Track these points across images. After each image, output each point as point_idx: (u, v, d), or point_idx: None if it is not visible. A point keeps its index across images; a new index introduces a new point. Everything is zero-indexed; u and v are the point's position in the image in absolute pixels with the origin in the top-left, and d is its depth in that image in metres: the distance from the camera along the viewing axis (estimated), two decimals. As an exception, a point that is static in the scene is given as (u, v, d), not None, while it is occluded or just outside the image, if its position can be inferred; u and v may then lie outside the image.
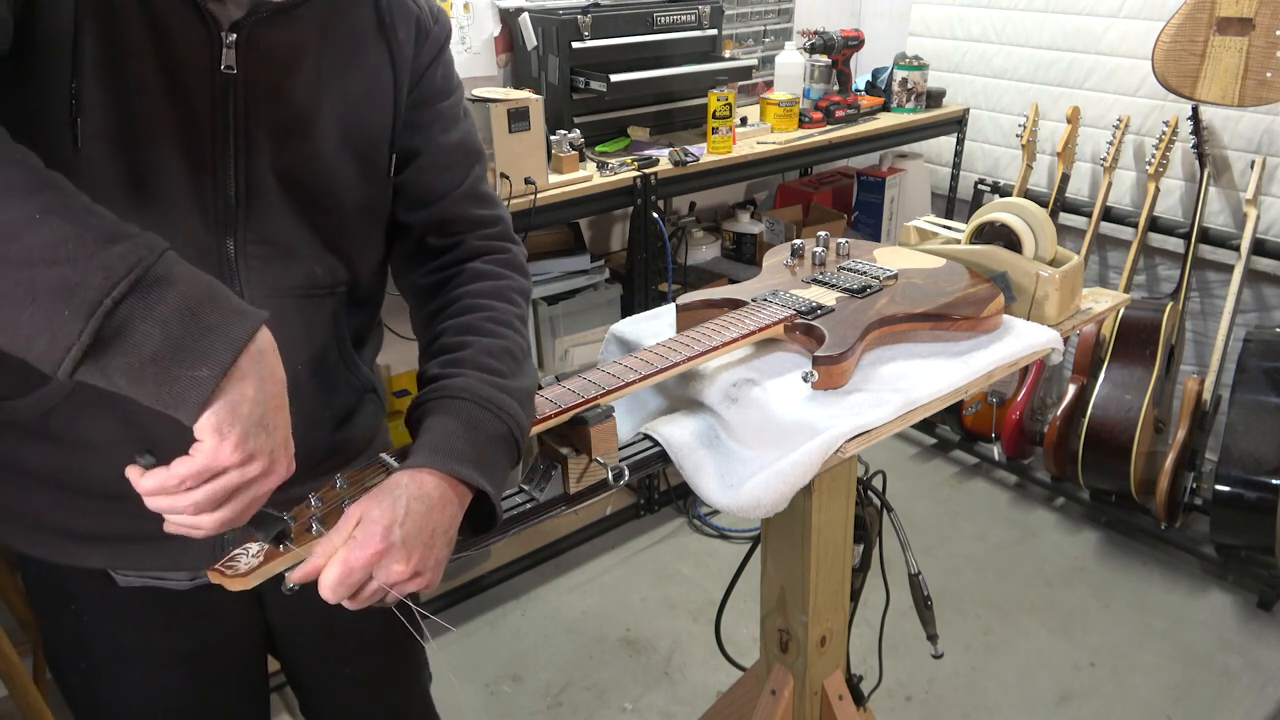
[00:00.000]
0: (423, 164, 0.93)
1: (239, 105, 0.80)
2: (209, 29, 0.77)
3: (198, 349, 0.60)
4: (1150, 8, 2.49)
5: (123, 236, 0.60)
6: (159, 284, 0.60)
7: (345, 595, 0.70)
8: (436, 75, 0.93)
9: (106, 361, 0.58)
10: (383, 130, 0.89)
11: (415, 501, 0.72)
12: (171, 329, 0.59)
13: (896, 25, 3.13)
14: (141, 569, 0.93)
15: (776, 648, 1.22)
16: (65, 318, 0.56)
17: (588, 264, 2.45)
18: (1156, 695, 2.04)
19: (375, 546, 0.69)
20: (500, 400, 0.81)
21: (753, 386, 0.99)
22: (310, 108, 0.84)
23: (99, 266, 0.58)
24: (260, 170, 0.82)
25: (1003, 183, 2.86)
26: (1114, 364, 2.43)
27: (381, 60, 0.88)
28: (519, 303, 0.94)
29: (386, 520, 0.70)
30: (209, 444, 0.62)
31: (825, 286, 1.15)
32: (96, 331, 0.57)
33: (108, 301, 0.57)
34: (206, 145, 0.79)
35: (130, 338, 0.58)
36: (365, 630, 1.06)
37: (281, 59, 0.81)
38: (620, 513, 2.60)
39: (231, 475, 0.64)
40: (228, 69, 0.78)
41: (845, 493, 1.13)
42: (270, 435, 0.65)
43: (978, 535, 2.58)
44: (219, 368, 0.61)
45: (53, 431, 0.84)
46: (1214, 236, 2.45)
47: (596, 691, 2.06)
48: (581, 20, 2.18)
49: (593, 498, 0.91)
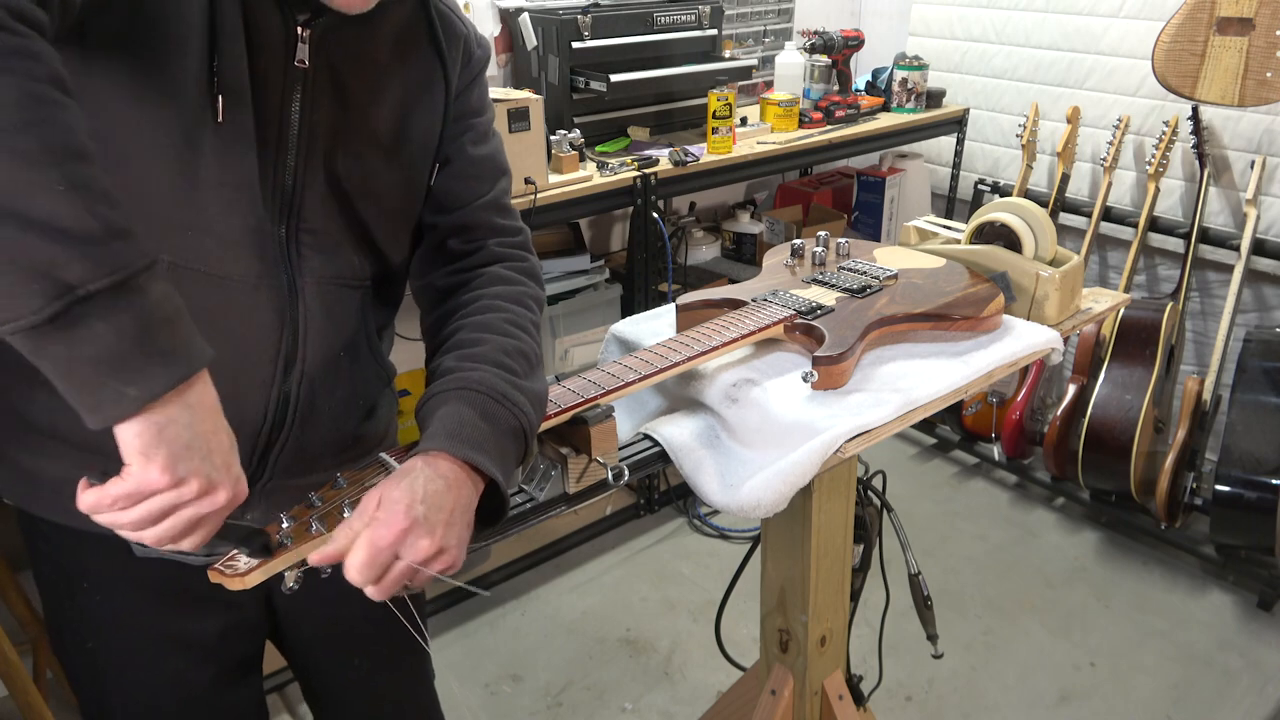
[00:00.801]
0: (452, 171, 0.96)
1: (306, 98, 0.83)
2: (287, 23, 0.80)
3: (137, 368, 0.60)
4: (1150, 8, 2.49)
5: (122, 235, 0.60)
6: (133, 292, 0.59)
7: (373, 577, 0.70)
8: (474, 94, 0.99)
9: (45, 343, 0.58)
10: (431, 140, 0.94)
11: (431, 481, 0.73)
12: (123, 339, 0.59)
13: (896, 25, 3.14)
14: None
15: (776, 648, 1.22)
16: (32, 290, 0.56)
17: (588, 264, 2.45)
18: (1156, 695, 2.04)
19: (399, 524, 0.70)
20: (514, 396, 0.82)
21: (753, 386, 0.99)
22: (368, 110, 0.88)
23: (89, 255, 0.58)
24: (316, 163, 0.86)
25: (1003, 183, 2.86)
26: (1114, 364, 2.43)
27: (435, 75, 0.93)
28: (535, 310, 0.97)
29: (407, 499, 0.71)
30: (136, 466, 0.62)
31: (825, 286, 1.15)
32: (54, 314, 0.56)
33: (81, 291, 0.57)
34: (274, 133, 0.83)
35: (80, 333, 0.58)
36: (371, 620, 1.08)
37: (348, 61, 0.85)
38: (620, 513, 2.60)
39: (166, 497, 0.64)
40: (300, 63, 0.82)
41: (845, 493, 1.13)
42: (205, 459, 0.65)
43: (978, 535, 2.58)
44: (148, 394, 0.60)
45: None
46: (1214, 236, 2.45)
47: (596, 691, 2.06)
48: (581, 20, 2.18)
49: (593, 498, 0.91)
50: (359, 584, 0.70)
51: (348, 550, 0.70)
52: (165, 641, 1.01)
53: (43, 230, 0.56)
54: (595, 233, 2.79)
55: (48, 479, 0.91)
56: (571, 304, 2.43)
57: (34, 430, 0.90)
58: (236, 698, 1.09)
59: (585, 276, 2.45)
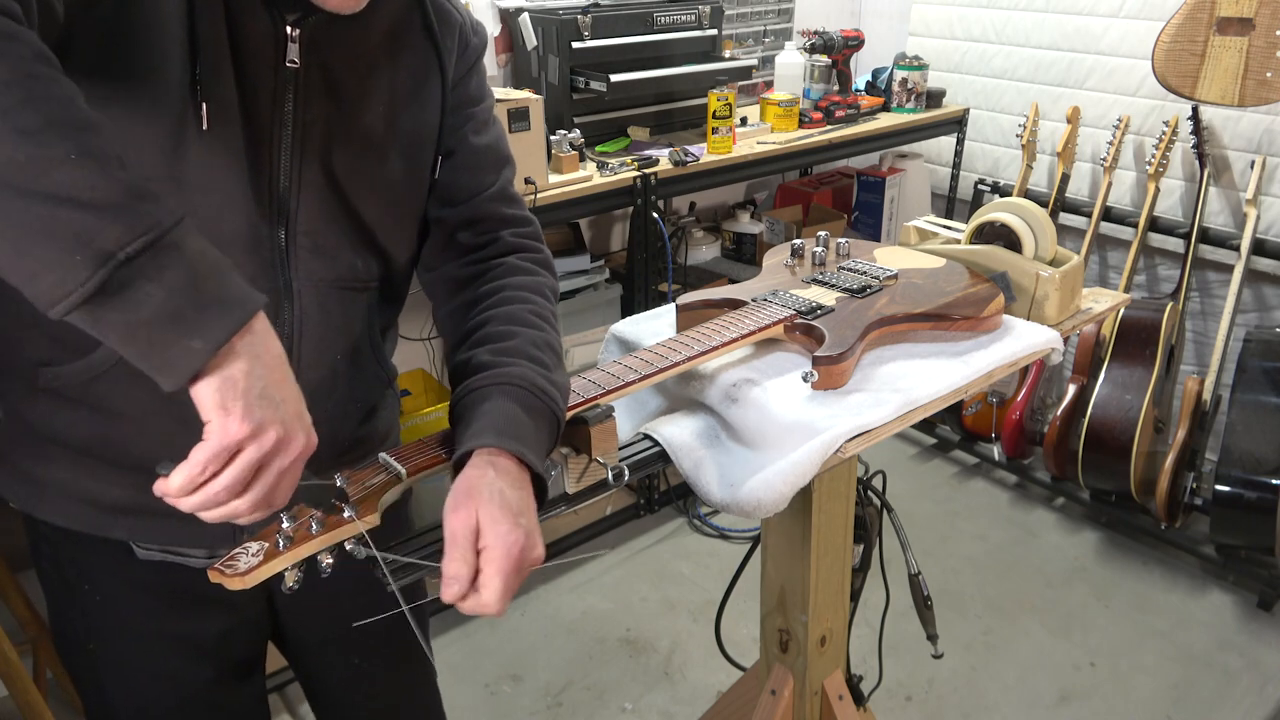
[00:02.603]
0: (455, 163, 0.95)
1: (298, 99, 0.82)
2: (276, 24, 0.80)
3: (195, 320, 0.61)
4: (1150, 8, 2.49)
5: (148, 196, 0.61)
6: (171, 249, 0.60)
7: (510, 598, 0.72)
8: (472, 82, 0.97)
9: (103, 314, 0.59)
10: (430, 133, 0.93)
11: (511, 488, 0.74)
12: (174, 295, 0.60)
13: (896, 25, 3.14)
14: (162, 543, 0.95)
15: (776, 648, 1.22)
16: (76, 262, 0.57)
17: (588, 264, 2.46)
18: (1156, 695, 2.04)
19: (519, 543, 0.71)
20: (549, 390, 0.83)
21: (753, 386, 0.99)
22: (363, 106, 0.86)
23: (120, 219, 0.58)
24: (311, 164, 0.85)
25: (1003, 183, 2.86)
26: (1114, 364, 2.43)
27: (430, 66, 0.91)
28: (553, 301, 0.97)
29: (510, 516, 0.72)
30: (216, 421, 0.63)
31: (825, 286, 1.15)
32: (102, 283, 0.57)
33: (121, 255, 0.58)
34: (266, 136, 0.82)
35: (132, 295, 0.59)
36: (373, 623, 1.08)
37: (340, 58, 0.84)
38: (620, 513, 2.60)
39: (249, 451, 0.64)
40: (291, 63, 0.81)
41: (845, 493, 1.13)
42: (278, 406, 0.65)
43: (978, 535, 2.58)
44: (213, 342, 0.61)
45: (92, 399, 0.85)
46: (1214, 236, 2.45)
47: (596, 691, 2.06)
48: (581, 20, 2.18)
49: (593, 498, 0.91)
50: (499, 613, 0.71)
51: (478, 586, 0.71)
52: (166, 642, 1.01)
53: (70, 203, 0.57)
54: (595, 233, 2.79)
55: (50, 482, 0.91)
56: (571, 304, 2.43)
57: (35, 435, 0.90)
58: (238, 697, 1.09)
59: (585, 276, 2.45)
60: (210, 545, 0.95)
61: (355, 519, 0.73)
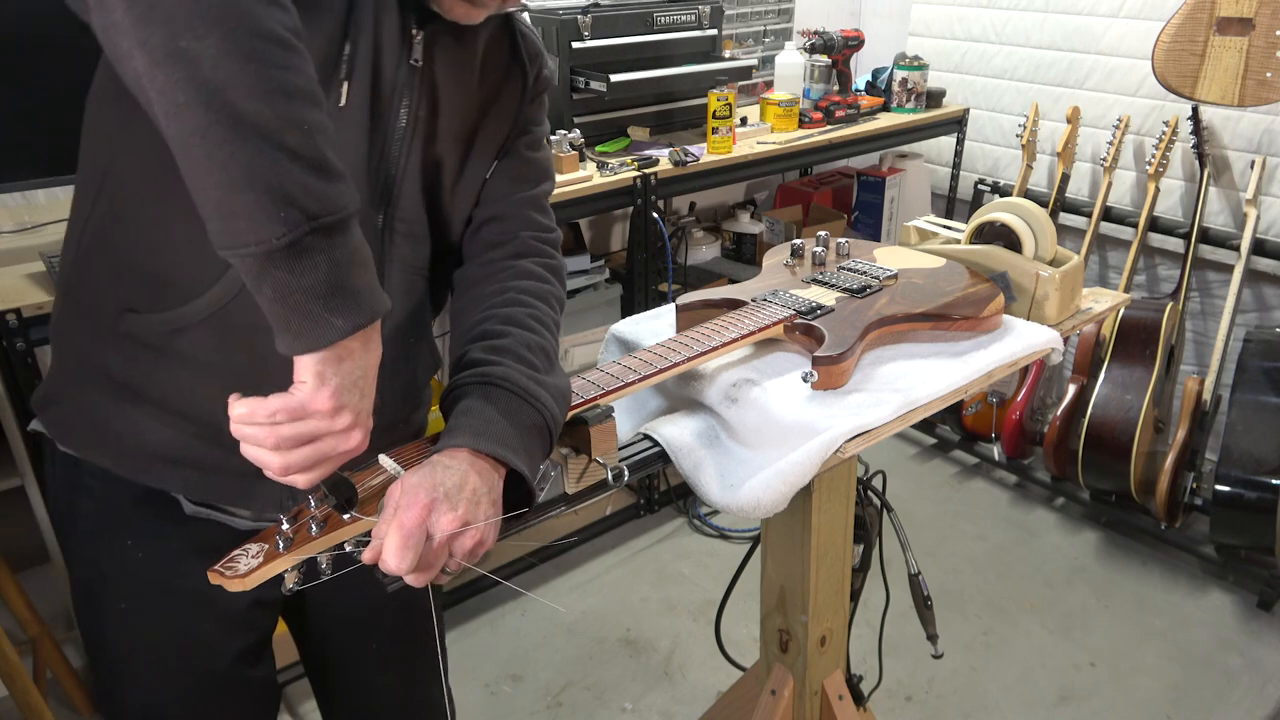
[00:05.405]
0: (503, 167, 1.02)
1: (415, 94, 0.89)
2: (406, 24, 0.86)
3: (342, 301, 0.65)
4: (1150, 8, 2.49)
5: (343, 177, 0.66)
6: (346, 230, 0.66)
7: (412, 559, 0.71)
8: (537, 106, 1.06)
9: (272, 269, 0.63)
10: (499, 142, 1.01)
11: (448, 470, 0.76)
12: (335, 272, 0.65)
13: (896, 25, 3.14)
14: (214, 499, 0.96)
15: (776, 648, 1.22)
16: (279, 218, 0.61)
17: (588, 264, 2.45)
18: (1156, 695, 2.04)
19: (421, 501, 0.72)
20: (536, 392, 0.84)
21: (753, 386, 0.99)
22: (463, 111, 0.95)
23: (327, 193, 0.64)
24: (414, 157, 0.91)
25: (1003, 183, 2.86)
26: (1114, 364, 2.43)
27: (513, 85, 1.00)
28: (557, 310, 1.00)
29: (426, 482, 0.74)
30: (310, 385, 0.67)
31: (825, 286, 1.15)
32: (291, 243, 0.62)
33: (316, 223, 0.63)
34: (384, 125, 0.88)
35: (305, 262, 0.63)
36: (394, 608, 1.12)
37: (452, 63, 0.92)
38: (620, 513, 2.60)
39: (319, 423, 0.68)
40: (415, 62, 0.88)
41: (845, 493, 1.13)
42: (364, 399, 0.70)
43: (978, 535, 2.58)
44: (352, 325, 0.66)
45: (173, 350, 0.87)
46: (1214, 236, 2.45)
47: (596, 691, 2.06)
48: (581, 20, 2.18)
49: (593, 498, 0.91)
50: (400, 571, 0.71)
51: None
52: (201, 607, 1.00)
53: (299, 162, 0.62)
54: (595, 233, 2.79)
55: (111, 427, 0.91)
56: (571, 304, 2.43)
57: (105, 378, 0.90)
58: (254, 676, 1.09)
59: (585, 276, 2.45)
60: (259, 509, 0.97)
61: (357, 519, 0.73)
